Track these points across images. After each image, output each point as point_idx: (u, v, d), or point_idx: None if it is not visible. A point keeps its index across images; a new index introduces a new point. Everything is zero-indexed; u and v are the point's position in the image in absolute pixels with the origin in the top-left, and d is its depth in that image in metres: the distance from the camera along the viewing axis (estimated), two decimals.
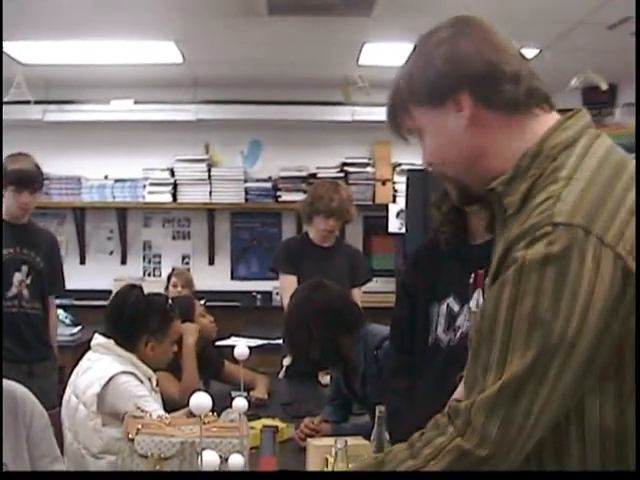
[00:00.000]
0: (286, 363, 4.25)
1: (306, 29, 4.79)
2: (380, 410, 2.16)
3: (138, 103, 6.18)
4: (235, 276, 6.73)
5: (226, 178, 6.44)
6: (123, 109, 6.17)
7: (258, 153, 6.66)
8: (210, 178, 6.42)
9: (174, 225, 6.73)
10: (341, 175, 6.27)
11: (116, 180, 6.42)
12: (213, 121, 6.31)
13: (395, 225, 6.01)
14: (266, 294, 6.42)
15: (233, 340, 4.56)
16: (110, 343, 2.86)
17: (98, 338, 2.91)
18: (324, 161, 6.44)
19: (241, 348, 1.98)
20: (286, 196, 6.38)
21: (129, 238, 6.67)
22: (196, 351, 3.49)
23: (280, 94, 6.18)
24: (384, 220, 6.09)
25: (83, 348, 3.02)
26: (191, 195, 6.42)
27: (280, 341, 4.58)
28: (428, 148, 1.46)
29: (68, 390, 2.85)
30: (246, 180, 6.46)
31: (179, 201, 6.44)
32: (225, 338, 4.50)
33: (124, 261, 6.68)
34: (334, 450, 2.04)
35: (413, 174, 5.15)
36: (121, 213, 6.57)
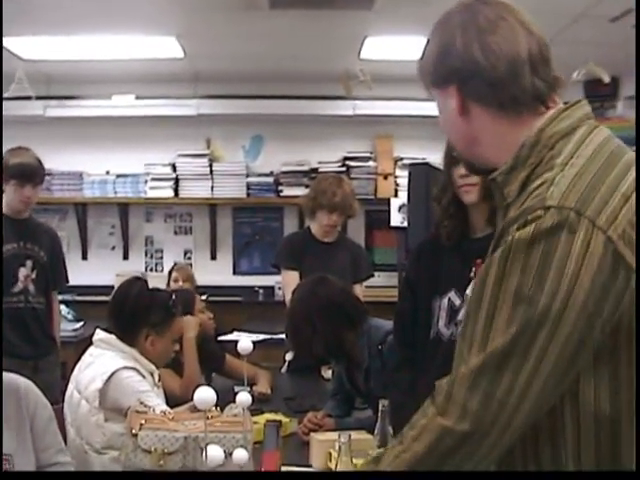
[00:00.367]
0: (288, 358, 4.26)
1: (307, 23, 4.78)
2: (383, 404, 2.16)
3: (139, 98, 6.18)
4: (237, 271, 6.73)
5: (228, 173, 6.43)
6: (124, 104, 6.16)
7: (260, 148, 6.64)
8: (212, 173, 6.41)
9: (176, 220, 6.72)
10: (343, 169, 6.26)
11: (118, 175, 6.41)
12: (214, 116, 6.30)
13: (397, 219, 6.00)
14: (268, 289, 6.41)
15: (235, 335, 4.56)
16: (112, 338, 2.85)
17: (100, 333, 2.90)
18: (326, 155, 6.42)
19: (245, 342, 1.97)
20: (288, 191, 6.37)
21: (131, 233, 6.66)
22: (196, 345, 3.49)
23: (281, 88, 6.17)
24: (386, 214, 6.08)
25: (85, 343, 3.01)
26: (193, 190, 6.41)
27: (282, 336, 4.58)
28: (440, 123, 1.50)
29: (70, 386, 2.85)
30: (248, 175, 6.45)
31: (181, 196, 6.43)
32: (227, 333, 4.50)
33: (126, 256, 6.67)
34: (338, 444, 2.04)
35: (415, 168, 5.14)
36: (123, 208, 6.56)
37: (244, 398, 1.97)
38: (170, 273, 5.25)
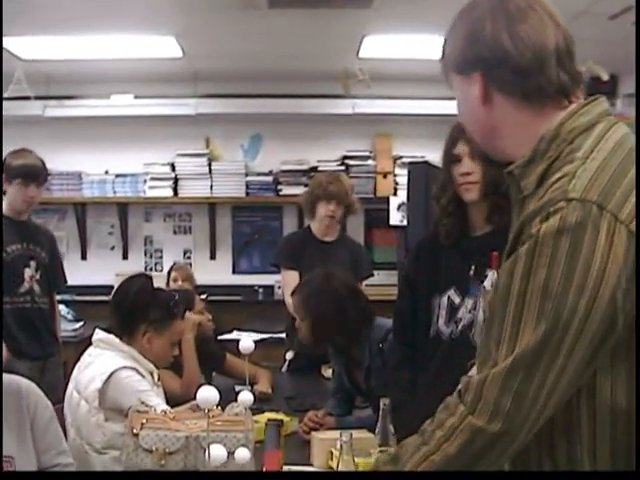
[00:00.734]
0: (289, 357, 4.26)
1: (306, 22, 4.78)
2: (384, 403, 2.16)
3: (138, 98, 6.18)
4: (237, 270, 6.72)
5: (227, 172, 6.42)
6: (123, 104, 6.16)
7: (259, 147, 6.64)
8: (211, 172, 6.40)
9: (175, 220, 6.72)
10: (342, 168, 6.25)
11: (117, 175, 6.41)
12: (213, 115, 6.29)
13: (396, 218, 6.00)
14: (268, 288, 6.40)
15: (236, 334, 4.56)
16: (111, 338, 2.85)
17: (99, 333, 2.89)
18: (325, 154, 6.42)
19: (246, 342, 1.97)
20: (287, 190, 6.36)
21: (130, 233, 6.66)
22: (195, 345, 3.48)
23: (280, 87, 6.17)
24: (385, 213, 6.08)
25: (85, 343, 3.00)
26: (192, 189, 6.41)
27: (283, 335, 4.59)
28: (457, 110, 1.50)
29: (70, 386, 2.84)
30: (247, 174, 6.45)
31: (180, 196, 6.42)
32: (227, 332, 4.50)
33: (125, 256, 6.67)
34: (339, 443, 2.04)
35: (414, 167, 5.13)
36: (122, 208, 6.55)
37: (246, 397, 1.97)
38: (169, 273, 5.25)
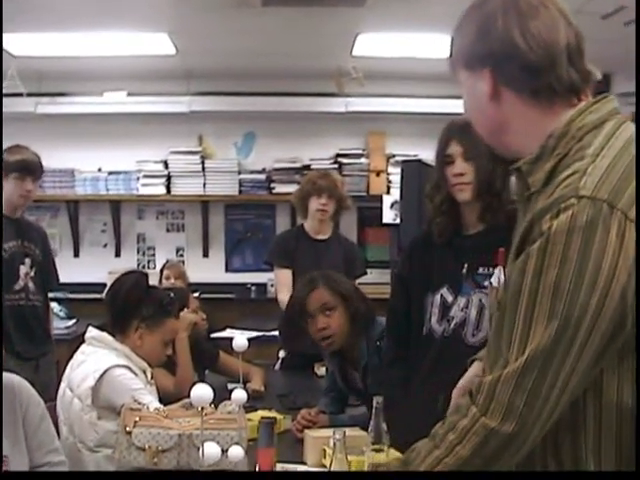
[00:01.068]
0: (282, 355, 4.26)
1: (299, 20, 4.78)
2: (377, 401, 2.16)
3: (131, 95, 6.16)
4: (229, 268, 6.72)
5: (220, 170, 6.42)
6: (116, 101, 6.14)
7: (252, 145, 6.64)
8: (204, 170, 6.40)
9: (168, 217, 6.71)
10: (335, 166, 6.26)
11: (109, 173, 6.40)
12: (206, 113, 6.29)
13: (389, 216, 6.01)
14: (260, 286, 6.40)
15: (228, 332, 4.55)
16: (104, 336, 2.84)
17: (92, 331, 2.89)
18: (318, 152, 6.42)
19: (240, 340, 1.97)
20: (280, 188, 6.36)
21: (123, 231, 6.65)
22: (188, 344, 3.48)
23: (274, 85, 6.17)
24: (378, 211, 6.08)
25: (78, 341, 2.99)
26: (185, 187, 6.41)
27: (276, 333, 4.58)
28: (464, 107, 1.49)
29: (63, 384, 2.83)
30: (240, 172, 6.45)
31: (173, 193, 6.42)
32: (220, 330, 4.50)
33: (118, 254, 6.66)
34: (332, 441, 2.04)
35: (407, 165, 5.14)
36: (115, 206, 6.55)
37: (239, 395, 1.98)
38: (162, 270, 5.24)
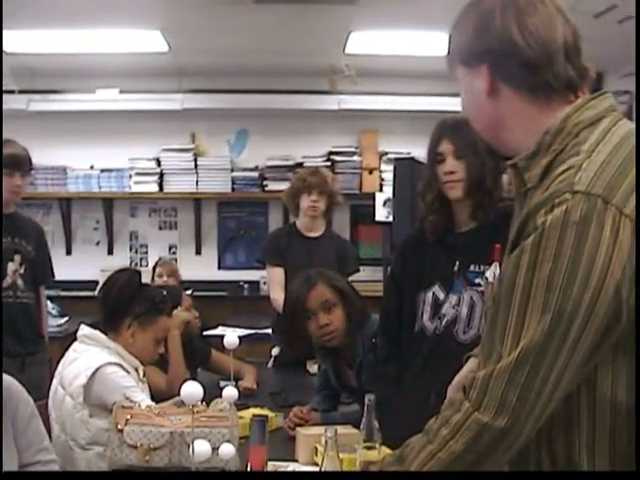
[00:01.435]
0: (274, 353, 4.25)
1: (292, 17, 4.77)
2: (369, 399, 2.16)
3: (124, 92, 6.15)
4: (222, 266, 6.72)
5: (212, 167, 6.42)
6: (108, 98, 6.13)
7: (244, 142, 6.64)
8: (196, 168, 6.40)
9: (160, 215, 6.71)
10: (328, 164, 6.25)
11: (102, 170, 6.39)
12: (199, 110, 6.28)
13: (382, 214, 6.00)
14: (253, 284, 6.41)
15: (221, 330, 4.55)
16: (96, 334, 2.83)
17: (84, 329, 2.88)
18: (311, 150, 6.42)
19: (231, 337, 1.97)
20: (273, 185, 6.36)
21: (115, 228, 6.64)
22: (181, 342, 3.47)
23: (266, 83, 6.16)
24: (371, 209, 6.08)
25: (70, 339, 2.98)
26: (177, 185, 6.40)
27: (268, 331, 4.59)
28: (462, 103, 1.50)
29: (55, 381, 2.82)
30: (233, 169, 6.44)
31: (165, 191, 6.41)
32: (212, 328, 4.49)
33: (111, 251, 6.66)
34: (324, 439, 2.03)
35: (400, 163, 5.14)
36: (107, 203, 6.54)
37: (230, 393, 1.98)
38: (154, 268, 5.24)
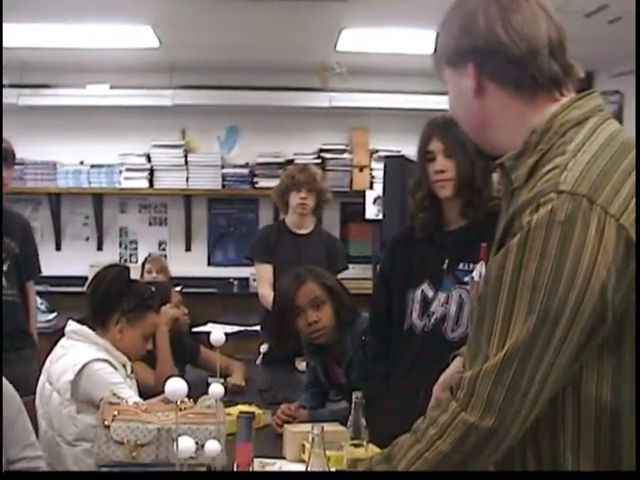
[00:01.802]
0: (263, 349, 4.26)
1: (284, 14, 4.76)
2: (357, 396, 2.16)
3: (114, 88, 6.13)
4: (212, 262, 6.71)
5: (203, 164, 6.40)
6: (99, 94, 6.11)
7: (235, 139, 6.63)
8: (187, 164, 6.38)
9: (150, 211, 6.69)
10: (318, 161, 6.25)
11: (92, 166, 6.36)
12: (190, 106, 6.27)
13: (372, 212, 6.00)
14: (243, 280, 6.40)
15: (210, 326, 4.55)
16: (84, 330, 2.83)
17: (72, 325, 2.87)
18: (301, 147, 6.41)
19: (217, 334, 1.97)
20: (263, 182, 6.34)
21: (105, 224, 6.62)
22: (169, 338, 3.47)
23: (257, 80, 6.15)
24: (361, 206, 6.08)
25: (58, 335, 2.97)
26: (168, 181, 6.38)
27: (257, 327, 4.59)
28: (449, 103, 1.50)
29: (42, 377, 2.82)
30: (223, 166, 6.43)
31: (155, 187, 6.39)
32: (202, 324, 4.49)
33: (100, 247, 6.63)
34: (311, 436, 2.04)
35: (390, 161, 5.13)
36: (97, 199, 6.52)
37: (216, 389, 1.97)
38: (143, 264, 5.23)
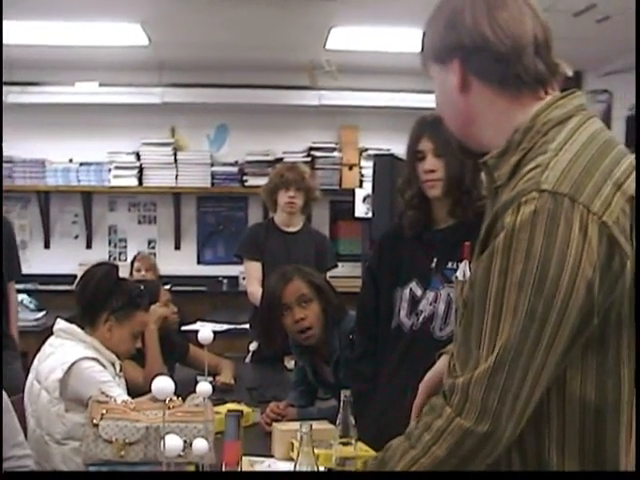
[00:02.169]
0: (252, 348, 4.26)
1: (273, 12, 4.76)
2: (345, 394, 2.16)
3: (103, 85, 6.12)
4: (201, 261, 6.71)
5: (192, 162, 6.40)
6: (88, 91, 6.10)
7: (224, 137, 6.62)
8: (176, 162, 6.37)
9: (140, 209, 6.68)
10: (308, 159, 6.26)
11: (81, 164, 6.35)
12: (179, 104, 6.26)
13: (362, 210, 6.02)
14: (232, 279, 6.40)
15: (199, 325, 4.55)
16: (73, 328, 2.82)
17: (60, 323, 2.87)
18: (291, 145, 6.42)
19: (205, 332, 1.97)
20: (252, 180, 6.34)
21: (94, 222, 6.61)
22: (159, 337, 3.47)
23: (247, 78, 6.15)
24: (351, 205, 6.09)
25: (47, 333, 2.96)
26: (157, 179, 6.37)
27: (246, 326, 4.59)
28: (436, 102, 1.51)
29: (30, 376, 2.81)
30: (212, 164, 6.43)
31: (145, 185, 6.39)
32: (191, 323, 4.49)
33: (89, 245, 6.62)
34: (299, 434, 2.04)
35: (380, 159, 5.13)
36: (86, 197, 6.50)
37: (204, 388, 1.98)
38: (132, 263, 5.22)
